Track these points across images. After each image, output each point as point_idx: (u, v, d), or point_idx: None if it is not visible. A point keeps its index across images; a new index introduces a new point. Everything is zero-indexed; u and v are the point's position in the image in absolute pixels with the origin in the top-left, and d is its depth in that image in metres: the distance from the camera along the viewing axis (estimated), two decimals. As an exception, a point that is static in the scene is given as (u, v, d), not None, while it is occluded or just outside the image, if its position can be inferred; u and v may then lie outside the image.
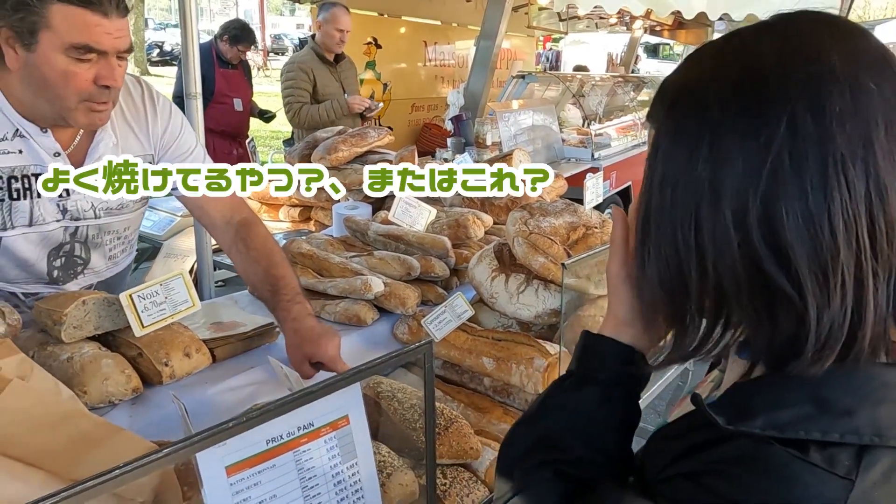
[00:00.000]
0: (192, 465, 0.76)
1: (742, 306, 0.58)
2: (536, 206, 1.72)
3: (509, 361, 1.46)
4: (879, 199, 0.52)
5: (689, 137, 0.57)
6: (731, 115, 0.55)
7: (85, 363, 1.25)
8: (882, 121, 0.52)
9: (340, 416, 0.88)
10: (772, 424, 0.54)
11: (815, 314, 0.54)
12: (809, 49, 0.55)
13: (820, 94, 0.53)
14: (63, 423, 0.86)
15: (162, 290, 1.37)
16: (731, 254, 0.56)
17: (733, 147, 0.55)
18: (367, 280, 1.68)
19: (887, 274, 0.54)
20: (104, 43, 1.27)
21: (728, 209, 0.55)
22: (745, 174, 0.54)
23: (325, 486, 0.88)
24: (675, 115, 0.60)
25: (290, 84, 4.04)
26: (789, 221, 0.53)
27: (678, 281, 0.60)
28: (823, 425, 0.53)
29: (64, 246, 1.50)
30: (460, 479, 1.21)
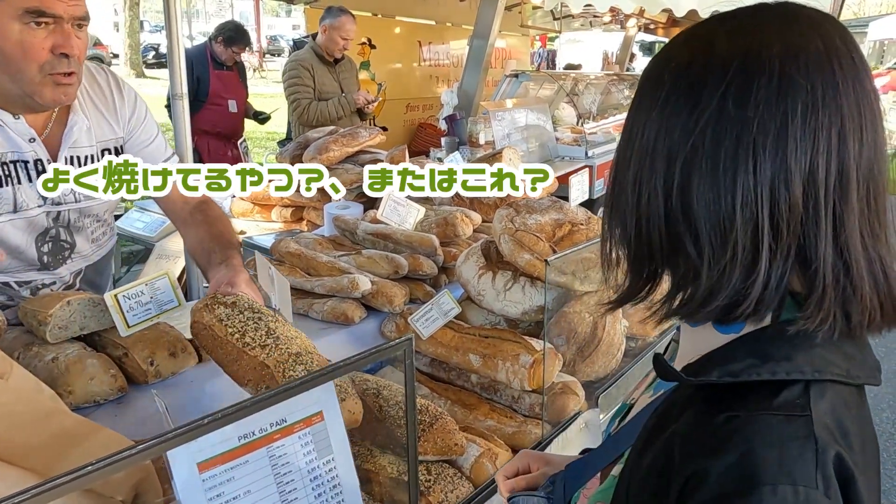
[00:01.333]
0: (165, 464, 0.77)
1: (661, 263, 0.66)
2: (523, 203, 1.73)
3: (496, 358, 1.47)
4: (784, 186, 0.57)
5: (646, 107, 0.64)
6: (678, 91, 0.61)
7: (70, 363, 1.26)
8: (801, 114, 0.56)
9: (314, 412, 0.89)
10: (726, 373, 0.60)
11: (705, 275, 0.61)
12: (755, 41, 0.59)
13: (749, 83, 0.57)
14: (43, 421, 0.86)
15: (147, 290, 1.37)
16: (658, 215, 0.63)
17: (673, 119, 0.61)
18: (354, 278, 1.68)
19: (786, 252, 0.58)
20: (56, 8, 1.28)
21: (660, 174, 0.62)
22: (676, 145, 0.61)
23: (301, 482, 0.88)
24: (642, 87, 0.66)
25: (294, 81, 4.05)
26: (700, 193, 0.59)
27: (627, 233, 0.67)
28: (770, 368, 0.59)
29: (49, 231, 1.51)
30: (445, 476, 1.22)
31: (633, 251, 0.67)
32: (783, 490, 0.53)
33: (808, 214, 0.57)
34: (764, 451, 0.55)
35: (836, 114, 0.57)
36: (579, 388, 1.52)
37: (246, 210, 2.97)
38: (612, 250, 0.71)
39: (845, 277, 0.59)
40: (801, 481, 0.53)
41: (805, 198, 0.57)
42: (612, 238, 0.70)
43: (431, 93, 6.84)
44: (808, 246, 0.58)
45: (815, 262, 0.58)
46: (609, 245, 0.71)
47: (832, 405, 0.58)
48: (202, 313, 1.24)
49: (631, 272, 0.69)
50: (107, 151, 1.58)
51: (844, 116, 0.57)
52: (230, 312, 1.22)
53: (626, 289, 0.71)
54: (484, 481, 1.24)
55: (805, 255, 0.59)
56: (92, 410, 1.26)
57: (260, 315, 1.22)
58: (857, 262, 0.59)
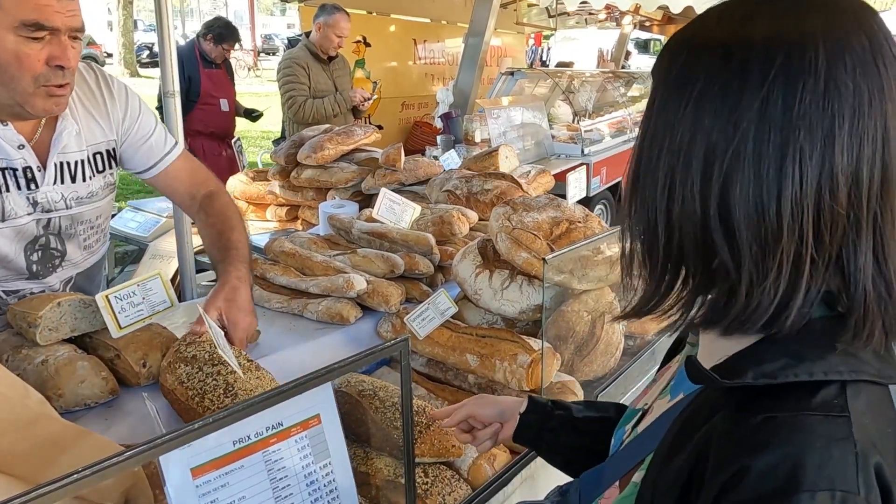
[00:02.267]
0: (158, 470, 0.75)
1: (693, 269, 0.62)
2: (520, 201, 1.71)
3: (493, 358, 1.45)
4: (830, 195, 0.54)
5: (676, 100, 0.60)
6: (715, 87, 0.57)
7: (60, 366, 1.23)
8: (848, 118, 0.54)
9: (311, 415, 0.87)
10: (761, 374, 0.58)
11: (745, 290, 0.58)
12: (798, 35, 0.55)
13: (794, 84, 0.54)
14: (29, 427, 0.84)
15: (139, 291, 1.35)
16: (692, 219, 0.59)
17: (711, 118, 0.57)
18: (349, 278, 1.66)
19: (826, 262, 0.56)
20: (55, 20, 1.25)
21: (697, 176, 0.58)
22: (715, 146, 0.57)
23: (298, 487, 0.86)
24: (669, 75, 0.62)
25: (290, 80, 4.03)
26: (741, 200, 0.56)
27: (653, 236, 0.63)
28: (806, 368, 0.57)
29: (39, 239, 1.47)
30: (442, 478, 1.20)
31: (660, 257, 0.64)
32: (822, 497, 0.51)
33: (849, 223, 0.55)
34: (806, 452, 0.53)
35: (880, 117, 0.55)
36: (578, 388, 1.51)
37: (240, 209, 2.94)
38: (633, 256, 0.67)
39: (885, 289, 0.57)
40: (842, 486, 0.52)
41: (849, 205, 0.55)
42: (632, 242, 0.67)
43: (427, 91, 6.82)
44: (848, 255, 0.56)
45: (854, 272, 0.57)
46: (629, 250, 0.67)
47: (867, 405, 0.57)
48: (166, 375, 1.26)
49: (652, 279, 0.66)
50: (98, 155, 1.54)
51: (889, 119, 0.55)
52: (190, 371, 1.23)
53: (646, 297, 0.67)
54: (482, 483, 1.22)
55: (843, 264, 0.57)
56: (83, 414, 1.23)
57: (219, 368, 1.22)
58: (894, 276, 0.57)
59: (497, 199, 2.18)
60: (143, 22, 26.79)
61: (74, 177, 1.48)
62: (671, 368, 0.80)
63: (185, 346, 1.29)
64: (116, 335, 1.31)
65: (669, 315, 0.66)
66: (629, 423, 0.81)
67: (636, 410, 0.81)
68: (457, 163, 2.95)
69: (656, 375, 0.85)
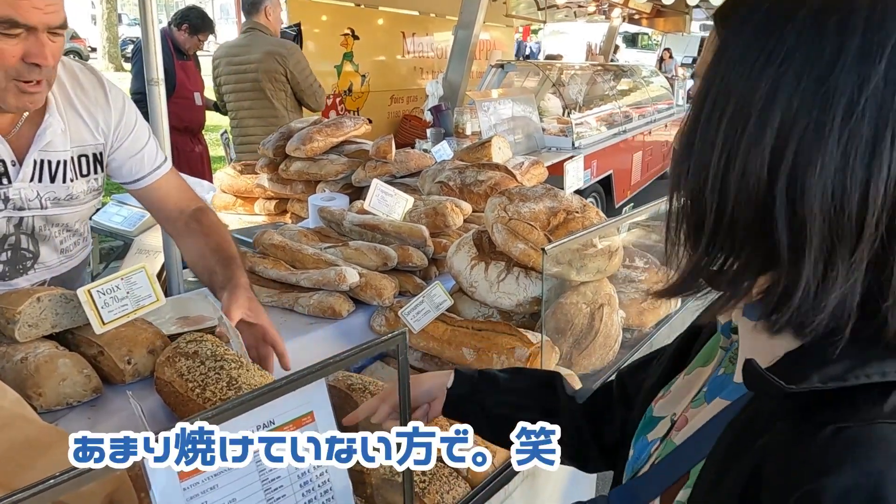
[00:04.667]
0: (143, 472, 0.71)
1: (745, 249, 0.54)
2: (516, 191, 1.67)
3: (490, 352, 1.41)
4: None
5: (757, 53, 0.52)
6: (807, 45, 0.50)
7: (40, 363, 1.18)
8: None
9: (304, 412, 0.83)
10: (829, 377, 0.51)
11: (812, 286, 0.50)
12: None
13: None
14: (6, 428, 0.80)
15: (123, 285, 1.30)
16: (753, 194, 0.52)
17: (796, 80, 0.50)
18: (341, 271, 1.62)
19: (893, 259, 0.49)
20: (31, 17, 1.19)
21: (768, 147, 0.50)
22: (796, 114, 0.49)
23: (291, 488, 0.82)
24: (748, 21, 0.54)
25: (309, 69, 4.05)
26: (818, 183, 0.48)
27: (702, 206, 0.56)
28: (877, 368, 0.50)
29: (8, 238, 1.40)
30: (440, 476, 1.16)
31: (708, 231, 0.56)
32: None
33: None
34: (889, 468, 0.47)
35: None
36: (577, 382, 1.47)
37: (228, 203, 2.89)
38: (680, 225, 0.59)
39: None
40: None
41: None
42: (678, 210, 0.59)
43: (416, 84, 6.77)
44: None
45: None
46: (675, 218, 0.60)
47: None
48: (163, 368, 1.21)
49: (696, 253, 0.58)
50: (84, 157, 1.46)
51: None
52: (191, 364, 1.18)
53: (688, 273, 0.59)
54: (482, 481, 1.19)
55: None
56: (65, 413, 1.18)
57: (223, 363, 1.18)
58: None
59: (491, 190, 2.14)
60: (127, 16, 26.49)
61: (54, 177, 1.41)
62: (702, 374, 0.73)
63: (185, 343, 1.24)
64: (100, 331, 1.26)
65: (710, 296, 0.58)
66: (651, 432, 0.74)
67: (658, 419, 0.75)
68: (449, 154, 2.91)
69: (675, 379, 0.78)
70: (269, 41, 4.05)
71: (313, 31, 5.45)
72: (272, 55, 3.97)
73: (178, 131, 4.26)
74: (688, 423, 0.67)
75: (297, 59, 4.01)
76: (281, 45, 4.07)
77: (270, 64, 3.97)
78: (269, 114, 3.94)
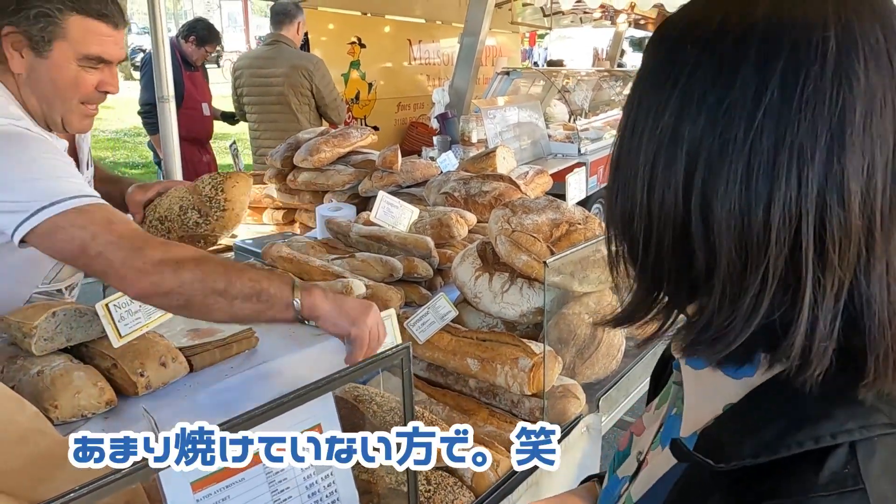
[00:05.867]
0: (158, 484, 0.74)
1: (673, 276, 0.54)
2: (519, 203, 1.70)
3: (494, 362, 1.44)
4: (838, 203, 0.46)
5: (663, 82, 0.53)
6: (705, 68, 0.50)
7: (55, 376, 1.22)
8: (861, 113, 0.46)
9: (312, 425, 0.86)
10: (761, 447, 0.49)
11: (717, 303, 0.50)
12: (806, 17, 0.48)
13: (796, 70, 0.47)
14: (22, 443, 0.83)
15: (136, 299, 1.33)
16: (670, 217, 0.52)
17: (698, 103, 0.50)
18: (348, 282, 1.65)
19: (836, 289, 0.47)
20: (113, 53, 1.37)
21: (680, 167, 0.51)
22: (702, 135, 0.49)
23: (300, 499, 0.85)
24: (657, 55, 0.55)
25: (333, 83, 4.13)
26: (724, 199, 0.48)
27: (633, 235, 0.56)
28: (811, 433, 0.49)
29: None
30: (445, 485, 1.19)
31: (639, 258, 0.56)
32: None
33: (864, 243, 0.47)
34: None
35: (891, 121, 0.47)
36: (580, 392, 1.50)
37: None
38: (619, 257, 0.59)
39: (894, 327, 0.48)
40: None
41: (863, 221, 0.47)
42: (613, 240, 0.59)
43: (423, 91, 6.80)
44: (861, 283, 0.48)
45: (871, 305, 0.48)
46: (613, 249, 0.59)
47: (884, 465, 0.49)
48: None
49: (636, 284, 0.58)
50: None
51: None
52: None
53: (629, 304, 0.58)
54: (485, 490, 1.21)
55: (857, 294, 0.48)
56: (80, 425, 1.21)
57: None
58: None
59: (495, 201, 2.16)
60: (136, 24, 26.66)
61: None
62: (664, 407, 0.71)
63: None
64: (118, 344, 1.29)
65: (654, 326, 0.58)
66: (621, 467, 0.73)
67: (625, 453, 0.73)
68: (454, 164, 2.94)
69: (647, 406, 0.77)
70: (294, 54, 4.11)
71: (320, 39, 5.50)
72: (298, 69, 4.02)
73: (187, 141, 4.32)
74: (648, 467, 0.67)
75: (322, 74, 4.07)
76: (307, 59, 4.14)
77: (296, 78, 4.03)
78: (293, 126, 3.98)
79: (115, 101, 14.34)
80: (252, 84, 4.20)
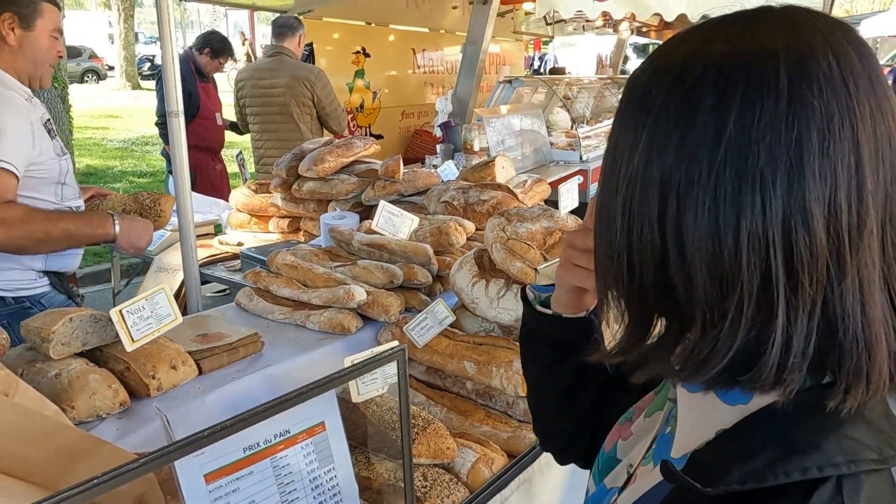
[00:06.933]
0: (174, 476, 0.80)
1: (655, 309, 0.57)
2: (514, 212, 1.76)
3: (490, 365, 1.50)
4: (803, 227, 0.48)
5: (633, 129, 0.55)
6: (669, 109, 0.53)
7: (72, 379, 1.28)
8: (817, 141, 0.48)
9: (317, 422, 0.92)
10: (749, 475, 0.51)
11: (699, 327, 0.52)
12: (756, 51, 0.50)
13: (751, 102, 0.49)
14: (48, 437, 0.89)
15: (147, 305, 1.40)
16: (650, 252, 0.54)
17: (665, 142, 0.52)
18: (349, 289, 1.71)
19: (808, 307, 0.49)
20: (61, 27, 2.00)
21: (654, 205, 0.53)
22: (670, 172, 0.52)
23: (304, 492, 0.91)
24: (626, 105, 0.58)
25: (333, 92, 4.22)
26: (695, 231, 0.50)
27: (617, 273, 0.58)
28: (798, 464, 0.50)
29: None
30: (441, 482, 1.25)
31: (625, 293, 0.58)
32: None
33: (832, 261, 0.48)
34: None
35: (852, 143, 0.48)
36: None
37: (243, 222, 3.00)
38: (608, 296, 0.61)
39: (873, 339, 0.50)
40: None
41: (829, 241, 0.48)
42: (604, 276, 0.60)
43: (426, 100, 6.88)
44: (833, 300, 0.49)
45: (844, 320, 0.49)
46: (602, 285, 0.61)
47: (870, 500, 0.50)
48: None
49: (628, 319, 0.59)
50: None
51: (862, 147, 0.48)
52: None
53: (626, 338, 0.60)
54: (480, 485, 1.27)
55: (830, 311, 0.50)
56: (95, 425, 1.28)
57: None
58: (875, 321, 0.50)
59: (493, 210, 2.23)
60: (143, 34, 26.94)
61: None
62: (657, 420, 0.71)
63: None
64: (130, 348, 1.36)
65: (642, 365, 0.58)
66: (609, 476, 0.73)
67: (618, 461, 0.74)
68: (454, 174, 3.00)
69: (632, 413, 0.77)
70: (296, 65, 4.19)
71: (325, 49, 5.59)
72: (300, 80, 4.10)
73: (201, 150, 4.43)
74: (636, 483, 0.68)
75: (323, 84, 4.15)
76: (308, 69, 4.22)
77: (298, 88, 4.11)
78: (294, 136, 4.06)
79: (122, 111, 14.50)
80: (254, 95, 4.28)
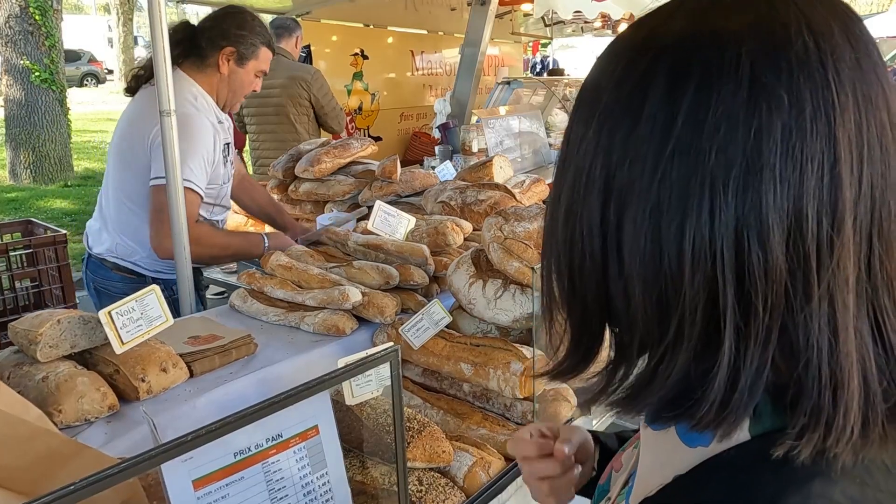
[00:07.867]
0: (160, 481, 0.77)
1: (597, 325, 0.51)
2: (511, 211, 1.74)
3: (487, 366, 1.47)
4: (757, 238, 0.40)
5: (584, 121, 0.49)
6: (618, 99, 0.46)
7: (60, 382, 1.26)
8: (781, 136, 0.40)
9: (310, 426, 0.89)
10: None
11: (636, 350, 0.47)
12: (717, 32, 0.42)
13: (706, 92, 0.42)
14: (27, 442, 0.86)
15: (137, 307, 1.38)
16: (590, 260, 0.48)
17: (610, 137, 0.46)
18: (345, 290, 1.69)
19: (763, 336, 0.42)
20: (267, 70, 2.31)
21: (596, 208, 0.47)
22: (614, 172, 0.46)
23: (295, 497, 0.89)
24: (581, 92, 0.52)
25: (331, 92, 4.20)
26: (633, 241, 0.44)
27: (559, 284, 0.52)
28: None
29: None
30: (437, 486, 1.22)
31: (567, 308, 0.52)
32: None
33: (793, 282, 0.41)
34: None
35: (827, 141, 0.40)
36: (571, 395, 1.53)
37: (239, 224, 2.97)
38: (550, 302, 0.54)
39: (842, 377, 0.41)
40: None
41: (790, 259, 0.41)
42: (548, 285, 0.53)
43: (425, 101, 6.86)
44: (797, 328, 0.42)
45: (806, 352, 0.42)
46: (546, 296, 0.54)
47: None
48: None
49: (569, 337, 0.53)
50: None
51: (840, 145, 0.40)
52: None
53: (566, 356, 0.54)
54: (477, 490, 1.24)
55: (791, 341, 0.42)
56: (83, 429, 1.25)
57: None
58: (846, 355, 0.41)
59: (491, 210, 2.20)
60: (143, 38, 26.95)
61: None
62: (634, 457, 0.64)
63: None
64: (120, 350, 1.33)
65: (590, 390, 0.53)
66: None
67: (604, 489, 0.70)
68: (452, 174, 2.98)
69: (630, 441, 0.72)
70: (292, 66, 4.17)
71: (324, 51, 5.58)
72: (296, 80, 4.08)
73: None
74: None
75: (320, 84, 4.13)
76: (305, 70, 4.20)
77: (295, 89, 4.09)
78: (291, 137, 4.03)
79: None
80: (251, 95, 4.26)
